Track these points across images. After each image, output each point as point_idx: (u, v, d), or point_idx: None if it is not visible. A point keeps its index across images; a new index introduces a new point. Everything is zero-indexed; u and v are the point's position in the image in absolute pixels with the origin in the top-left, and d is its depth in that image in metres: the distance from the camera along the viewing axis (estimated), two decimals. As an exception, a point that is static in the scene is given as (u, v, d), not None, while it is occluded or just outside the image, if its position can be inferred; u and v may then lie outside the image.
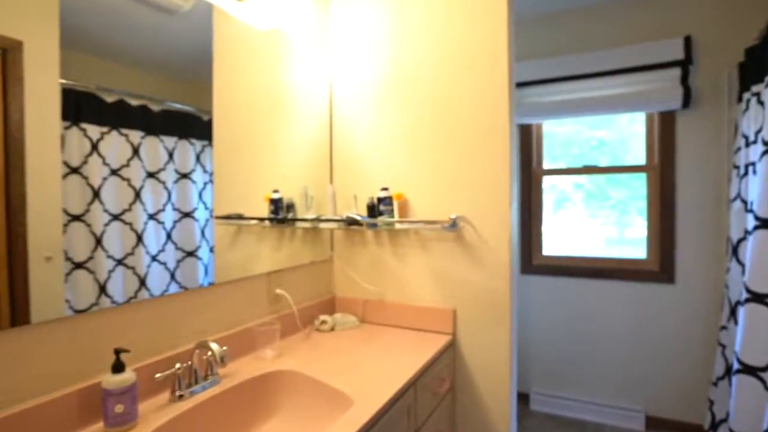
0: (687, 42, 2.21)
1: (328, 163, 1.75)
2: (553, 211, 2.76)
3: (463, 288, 1.52)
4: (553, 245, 2.74)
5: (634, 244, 2.54)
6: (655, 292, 2.40)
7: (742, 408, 1.65)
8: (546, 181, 2.73)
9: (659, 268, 2.39)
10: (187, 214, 1.14)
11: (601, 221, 2.64)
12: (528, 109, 2.59)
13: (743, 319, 1.66)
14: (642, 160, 2.47)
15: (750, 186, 1.82)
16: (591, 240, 2.67)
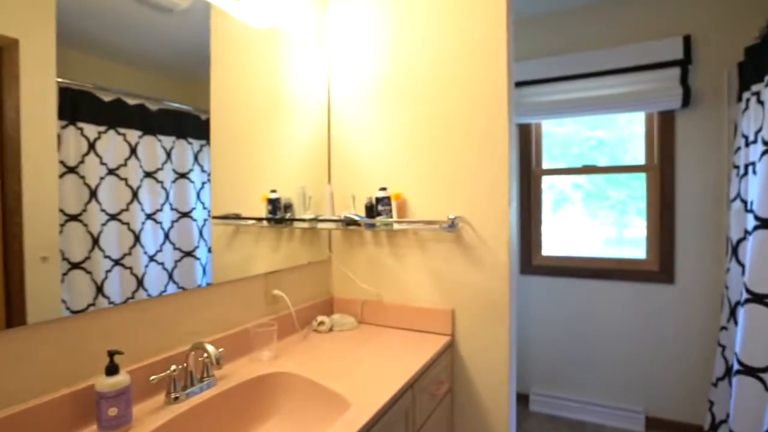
0: (686, 41, 2.20)
1: (326, 163, 1.75)
2: (552, 211, 2.75)
3: (462, 288, 1.52)
4: (552, 245, 2.74)
5: (633, 244, 2.54)
6: (654, 292, 2.39)
7: (742, 409, 1.65)
8: (545, 181, 2.73)
9: (659, 269, 2.39)
10: (185, 214, 1.13)
11: (601, 221, 2.64)
12: (527, 109, 2.58)
13: (743, 319, 1.65)
14: (641, 160, 2.47)
15: (750, 186, 1.82)
16: (590, 240, 2.66)
